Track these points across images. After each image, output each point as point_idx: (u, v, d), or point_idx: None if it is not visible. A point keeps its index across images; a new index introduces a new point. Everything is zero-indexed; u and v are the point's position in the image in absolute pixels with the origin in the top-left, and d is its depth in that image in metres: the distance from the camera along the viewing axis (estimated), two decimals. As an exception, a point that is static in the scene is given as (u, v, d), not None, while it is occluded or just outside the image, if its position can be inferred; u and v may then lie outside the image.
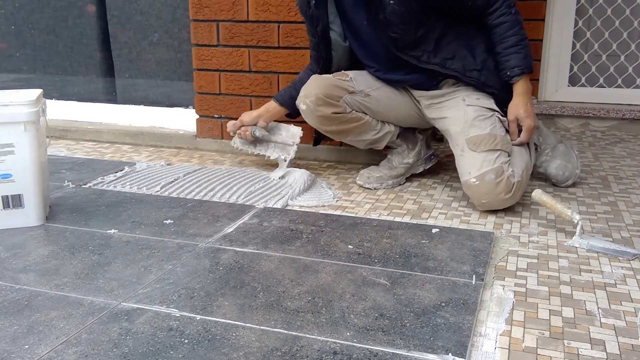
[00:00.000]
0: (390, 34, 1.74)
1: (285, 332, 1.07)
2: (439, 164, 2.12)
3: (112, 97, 2.93)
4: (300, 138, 2.06)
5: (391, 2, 1.68)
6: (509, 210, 1.73)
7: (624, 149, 2.50)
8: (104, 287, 1.24)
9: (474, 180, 1.67)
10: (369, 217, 1.67)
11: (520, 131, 1.76)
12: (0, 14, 3.02)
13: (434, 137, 2.63)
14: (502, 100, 1.79)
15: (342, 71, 1.93)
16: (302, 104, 1.87)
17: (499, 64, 1.76)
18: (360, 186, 1.95)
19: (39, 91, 1.61)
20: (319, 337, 1.05)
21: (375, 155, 2.22)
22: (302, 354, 1.00)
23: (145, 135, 2.54)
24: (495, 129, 1.73)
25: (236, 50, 2.31)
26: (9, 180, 1.53)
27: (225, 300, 1.18)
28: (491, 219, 1.67)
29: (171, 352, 1.00)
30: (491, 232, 1.56)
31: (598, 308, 1.17)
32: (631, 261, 1.39)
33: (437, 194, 1.89)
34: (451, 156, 2.35)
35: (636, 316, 1.14)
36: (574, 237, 1.50)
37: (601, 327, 1.10)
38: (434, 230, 1.56)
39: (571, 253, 1.44)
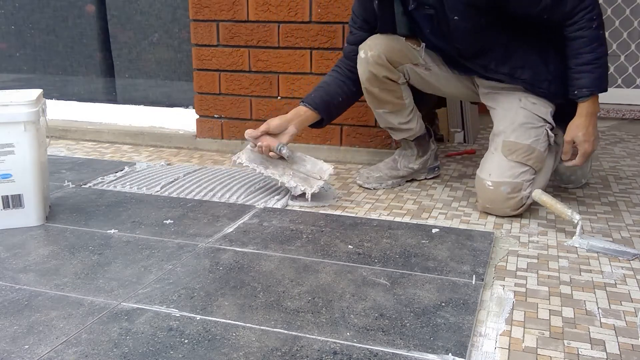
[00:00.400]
0: (455, 45, 1.70)
1: (285, 332, 1.07)
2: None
3: (112, 97, 2.93)
4: (330, 176, 1.84)
5: (455, 17, 1.62)
6: (509, 210, 1.73)
7: (624, 149, 2.50)
8: (104, 287, 1.24)
9: (490, 183, 1.65)
10: (369, 217, 1.67)
11: (576, 154, 1.65)
12: (0, 14, 3.02)
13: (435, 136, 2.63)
14: (569, 112, 1.67)
15: (416, 38, 1.84)
16: (362, 52, 1.81)
17: (568, 79, 1.63)
18: (360, 186, 1.95)
19: (39, 91, 1.61)
20: (319, 337, 1.05)
21: (375, 156, 2.22)
22: (302, 354, 1.00)
23: (145, 135, 2.54)
24: (537, 142, 1.66)
25: (236, 50, 2.31)
26: (9, 180, 1.53)
27: (225, 300, 1.18)
28: (491, 219, 1.67)
29: (171, 352, 1.00)
30: (491, 232, 1.56)
31: (598, 308, 1.17)
32: (631, 261, 1.39)
33: (437, 194, 1.89)
34: (451, 156, 2.35)
35: (636, 316, 1.14)
36: (574, 237, 1.50)
37: (601, 327, 1.10)
38: (434, 230, 1.56)
39: (571, 253, 1.44)
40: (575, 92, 1.61)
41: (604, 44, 1.60)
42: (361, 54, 1.81)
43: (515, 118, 1.69)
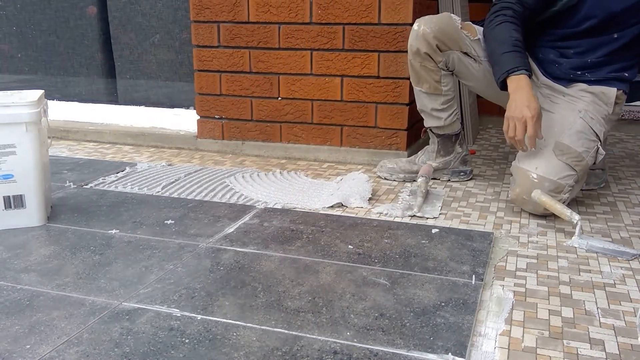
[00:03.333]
0: (610, 10, 1.66)
1: (286, 331, 1.07)
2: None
3: (113, 97, 2.94)
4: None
5: None
6: (508, 210, 1.73)
7: (623, 149, 2.51)
8: (105, 287, 1.24)
9: (535, 176, 1.63)
10: (369, 217, 1.68)
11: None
12: (2, 15, 3.02)
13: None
14: None
15: (475, 27, 1.83)
16: (417, 24, 1.82)
17: None
18: (375, 174, 2.02)
19: (40, 92, 1.61)
20: (320, 337, 1.05)
21: (375, 156, 2.23)
22: (303, 353, 1.00)
23: (146, 135, 2.55)
24: (587, 154, 1.66)
25: (237, 52, 2.31)
26: (10, 180, 1.54)
27: (226, 300, 1.19)
28: (490, 219, 1.67)
29: (172, 352, 1.01)
30: (490, 232, 1.56)
31: (597, 308, 1.17)
32: (630, 261, 1.39)
33: (437, 195, 1.89)
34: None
35: (635, 316, 1.14)
36: (573, 238, 1.51)
37: (600, 327, 1.10)
38: (433, 231, 1.56)
39: (570, 253, 1.44)
40: None
41: None
42: (415, 26, 1.83)
43: (573, 125, 1.69)
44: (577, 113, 1.72)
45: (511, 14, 1.72)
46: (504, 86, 1.68)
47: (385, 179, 2.03)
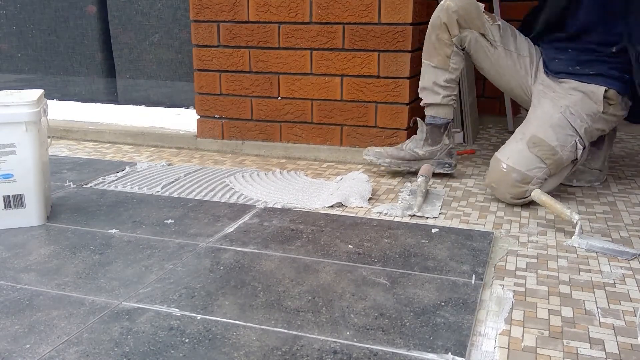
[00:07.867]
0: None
1: (286, 331, 1.07)
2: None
3: (113, 97, 2.94)
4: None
5: None
6: (508, 209, 1.73)
7: (622, 149, 2.51)
8: (105, 287, 1.24)
9: (504, 166, 1.71)
10: (368, 217, 1.68)
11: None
12: (2, 15, 3.02)
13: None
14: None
15: (499, 19, 1.91)
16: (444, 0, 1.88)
17: None
18: (363, 157, 2.04)
19: (40, 91, 1.61)
20: (319, 337, 1.05)
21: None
22: (303, 353, 1.00)
23: (146, 135, 2.55)
24: (562, 148, 1.70)
25: (237, 51, 2.31)
26: (10, 180, 1.54)
27: (225, 300, 1.19)
28: (490, 218, 1.67)
29: (172, 352, 1.01)
30: (490, 232, 1.56)
31: (597, 308, 1.17)
32: (630, 261, 1.39)
33: (437, 194, 1.89)
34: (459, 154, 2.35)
35: (635, 316, 1.14)
36: (573, 237, 1.51)
37: (600, 326, 1.10)
38: (433, 230, 1.56)
39: (570, 253, 1.44)
40: None
41: None
42: (442, 2, 1.89)
43: (551, 120, 1.74)
44: (558, 108, 1.76)
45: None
46: None
47: (370, 162, 2.03)
